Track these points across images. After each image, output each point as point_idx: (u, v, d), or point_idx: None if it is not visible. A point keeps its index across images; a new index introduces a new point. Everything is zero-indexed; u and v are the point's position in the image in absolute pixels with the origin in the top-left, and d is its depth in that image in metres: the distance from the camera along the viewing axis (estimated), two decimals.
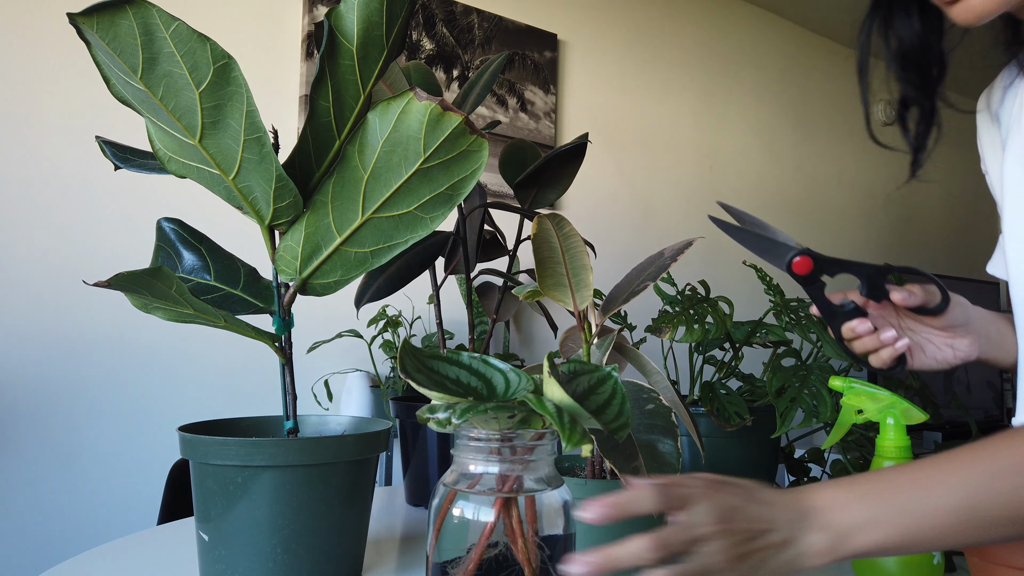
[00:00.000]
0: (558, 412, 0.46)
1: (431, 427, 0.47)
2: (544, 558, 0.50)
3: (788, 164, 3.10)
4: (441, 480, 0.52)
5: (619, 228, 2.53)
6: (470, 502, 0.51)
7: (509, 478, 0.50)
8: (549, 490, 0.52)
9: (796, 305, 0.99)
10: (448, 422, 0.46)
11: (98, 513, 1.58)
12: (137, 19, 0.54)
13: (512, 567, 0.49)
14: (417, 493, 1.04)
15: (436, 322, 1.09)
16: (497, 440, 0.50)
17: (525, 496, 0.51)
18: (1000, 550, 0.55)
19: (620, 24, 2.59)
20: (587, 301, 0.71)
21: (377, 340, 1.99)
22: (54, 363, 1.56)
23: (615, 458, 0.60)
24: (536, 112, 2.30)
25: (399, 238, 0.67)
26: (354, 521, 0.71)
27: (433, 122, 0.60)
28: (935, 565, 0.67)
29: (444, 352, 0.56)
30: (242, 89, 0.59)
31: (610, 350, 0.71)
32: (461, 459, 0.52)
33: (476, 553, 0.49)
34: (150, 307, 0.62)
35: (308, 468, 0.66)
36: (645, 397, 0.66)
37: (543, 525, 0.51)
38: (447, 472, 0.53)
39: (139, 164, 0.72)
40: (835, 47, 3.36)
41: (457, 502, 0.50)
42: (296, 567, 0.66)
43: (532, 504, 0.51)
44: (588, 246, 1.12)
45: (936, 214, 3.78)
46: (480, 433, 0.50)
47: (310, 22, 1.89)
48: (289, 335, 0.72)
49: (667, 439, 0.61)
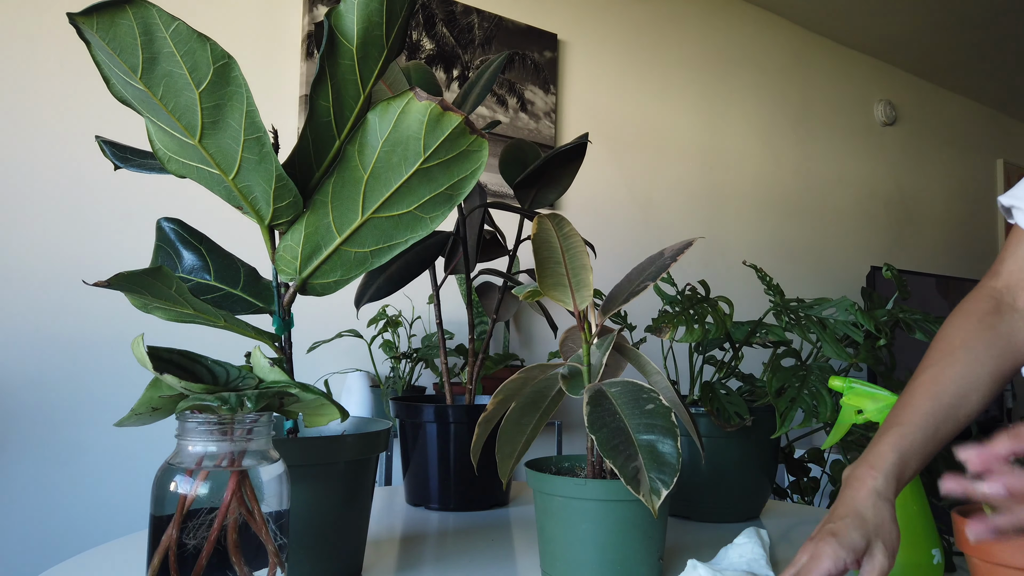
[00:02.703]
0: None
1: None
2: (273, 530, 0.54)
3: (788, 164, 3.10)
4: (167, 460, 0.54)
5: (619, 228, 2.53)
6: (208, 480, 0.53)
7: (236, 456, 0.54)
8: (267, 464, 0.55)
9: (796, 305, 0.99)
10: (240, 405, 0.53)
11: (98, 513, 1.58)
12: (137, 19, 0.54)
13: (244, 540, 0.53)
14: (417, 493, 1.04)
15: (436, 322, 1.09)
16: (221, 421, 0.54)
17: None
18: (1000, 550, 0.55)
19: (620, 24, 2.59)
20: (587, 301, 0.70)
21: (377, 340, 1.99)
22: (54, 363, 1.56)
23: (615, 458, 0.60)
24: (536, 112, 2.30)
25: (399, 238, 0.67)
26: (354, 521, 0.71)
27: (433, 122, 0.60)
28: (935, 565, 0.67)
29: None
30: (242, 89, 0.59)
31: (610, 350, 0.71)
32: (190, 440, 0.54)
33: (216, 525, 0.51)
34: (150, 307, 0.62)
35: (308, 468, 0.66)
36: (645, 397, 0.66)
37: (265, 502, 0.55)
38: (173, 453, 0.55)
39: (139, 164, 0.72)
40: (835, 47, 3.36)
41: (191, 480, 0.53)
42: (296, 567, 0.66)
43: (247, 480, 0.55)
44: (588, 246, 1.12)
45: (936, 214, 3.78)
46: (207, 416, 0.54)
47: (310, 22, 1.89)
48: (289, 335, 0.72)
49: (667, 439, 0.61)
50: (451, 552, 0.81)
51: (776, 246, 3.03)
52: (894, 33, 3.29)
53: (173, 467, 0.52)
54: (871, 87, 3.49)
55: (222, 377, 0.59)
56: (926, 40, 3.36)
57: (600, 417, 0.64)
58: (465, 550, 0.82)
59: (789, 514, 1.03)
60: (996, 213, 4.10)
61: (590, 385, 0.69)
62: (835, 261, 3.26)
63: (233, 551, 0.52)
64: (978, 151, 4.06)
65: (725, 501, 0.97)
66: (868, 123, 3.45)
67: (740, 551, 0.73)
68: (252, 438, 0.54)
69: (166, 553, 0.51)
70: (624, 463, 0.59)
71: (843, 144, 3.33)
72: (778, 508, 1.07)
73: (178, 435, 0.53)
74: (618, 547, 0.65)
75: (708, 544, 0.86)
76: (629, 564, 0.66)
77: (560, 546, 0.68)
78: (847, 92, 3.38)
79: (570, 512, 0.67)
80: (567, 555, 0.67)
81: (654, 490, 0.58)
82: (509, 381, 0.75)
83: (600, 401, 0.66)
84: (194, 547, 0.51)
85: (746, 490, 0.98)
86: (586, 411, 0.64)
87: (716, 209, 2.83)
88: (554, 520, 0.68)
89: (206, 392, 0.54)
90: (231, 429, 0.53)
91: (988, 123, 4.16)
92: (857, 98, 3.42)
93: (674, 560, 0.79)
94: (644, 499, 0.58)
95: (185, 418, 0.53)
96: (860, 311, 0.94)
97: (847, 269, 3.29)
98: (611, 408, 0.65)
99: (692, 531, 0.92)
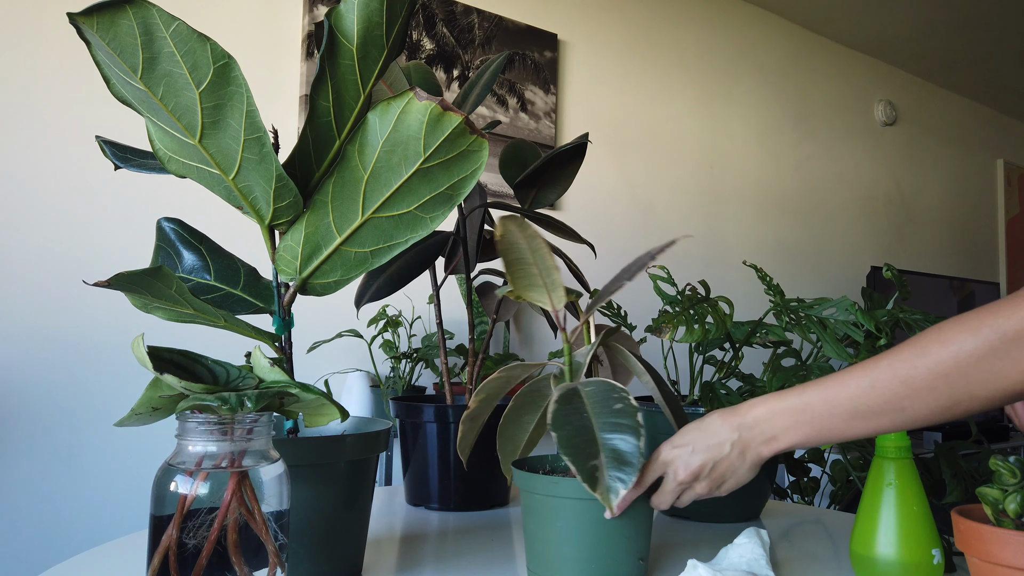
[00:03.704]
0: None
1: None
2: (274, 529, 0.54)
3: (788, 164, 3.10)
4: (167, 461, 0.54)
5: (619, 228, 2.53)
6: (208, 479, 0.53)
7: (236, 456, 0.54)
8: (266, 464, 0.55)
9: (796, 305, 0.99)
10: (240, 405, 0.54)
11: (98, 513, 1.58)
12: (137, 19, 0.54)
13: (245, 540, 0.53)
14: (417, 493, 1.04)
15: (436, 322, 1.09)
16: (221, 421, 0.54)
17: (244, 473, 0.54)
18: (1000, 550, 0.55)
19: (620, 24, 2.59)
20: (563, 301, 0.71)
21: (377, 340, 1.99)
22: (54, 363, 1.56)
23: (574, 456, 0.60)
24: (536, 112, 2.30)
25: (399, 238, 0.67)
26: (354, 521, 0.71)
27: (433, 122, 0.60)
28: (935, 565, 0.67)
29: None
30: (242, 89, 0.59)
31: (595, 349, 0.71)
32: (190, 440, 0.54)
33: (216, 525, 0.51)
34: (150, 307, 0.62)
35: (308, 468, 0.66)
36: (615, 396, 0.65)
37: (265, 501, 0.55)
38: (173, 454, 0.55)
39: (139, 164, 0.72)
40: (835, 47, 3.36)
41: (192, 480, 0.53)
42: (296, 567, 0.66)
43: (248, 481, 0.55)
44: (588, 246, 1.12)
45: (936, 214, 3.78)
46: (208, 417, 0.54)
47: (310, 22, 1.89)
48: (289, 335, 0.72)
49: (630, 437, 0.61)
50: (451, 552, 0.81)
51: (776, 246, 3.03)
52: (894, 33, 3.29)
53: (173, 467, 0.52)
54: (871, 87, 3.49)
55: (222, 377, 0.59)
56: (926, 40, 3.36)
57: (565, 415, 0.64)
58: (465, 550, 0.82)
59: (789, 514, 1.03)
60: (996, 213, 4.10)
61: (563, 384, 0.69)
62: (835, 261, 3.26)
63: (233, 551, 0.52)
64: (978, 151, 4.06)
65: (725, 501, 0.97)
66: (868, 123, 3.45)
67: (740, 551, 0.73)
68: (252, 438, 0.54)
69: (166, 553, 0.51)
70: (583, 462, 0.59)
71: (843, 144, 3.33)
72: (778, 508, 1.07)
73: (178, 435, 0.53)
74: (593, 546, 0.65)
75: (708, 544, 0.86)
76: (605, 563, 0.65)
77: (539, 543, 0.68)
78: (847, 92, 3.38)
79: (547, 510, 0.67)
80: (545, 552, 0.67)
81: (611, 489, 0.58)
82: (489, 380, 0.75)
83: (570, 400, 0.66)
84: (194, 547, 0.51)
85: (746, 490, 0.98)
86: (551, 409, 0.64)
87: (716, 209, 2.83)
88: (533, 517, 0.68)
89: (206, 392, 0.54)
90: (231, 429, 0.53)
91: (988, 123, 4.16)
92: (857, 98, 3.42)
93: (674, 560, 0.79)
94: (601, 498, 0.58)
95: (185, 418, 0.53)
96: (860, 311, 0.94)
97: (847, 269, 3.29)
98: (580, 407, 0.65)
99: (692, 531, 0.92)
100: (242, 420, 0.53)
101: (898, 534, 0.68)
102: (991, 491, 0.59)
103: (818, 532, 0.93)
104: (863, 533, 0.70)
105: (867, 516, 0.70)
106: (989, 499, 0.59)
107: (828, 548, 0.85)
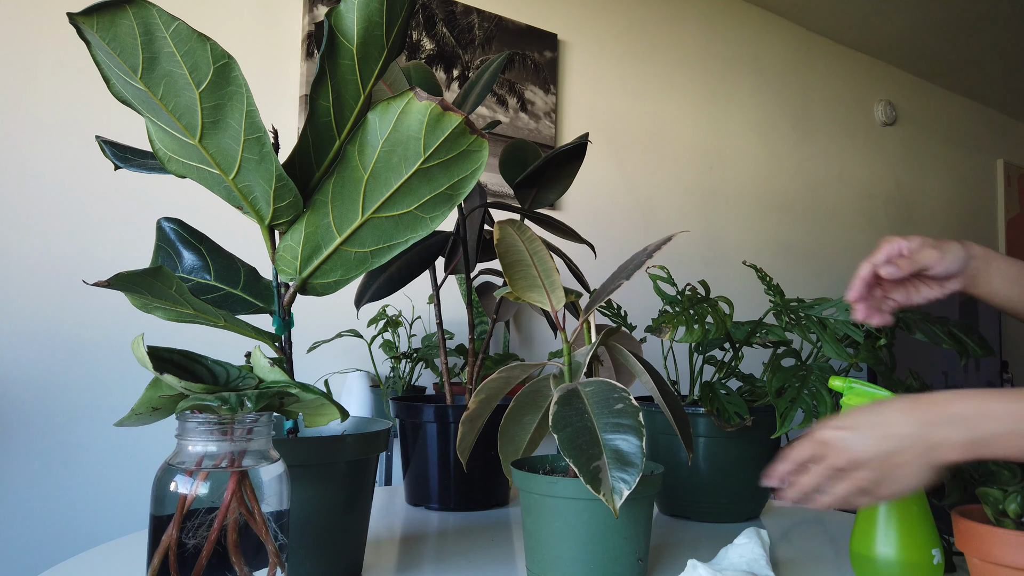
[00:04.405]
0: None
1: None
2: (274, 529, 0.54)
3: (788, 164, 3.10)
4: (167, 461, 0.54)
5: (619, 228, 2.53)
6: (208, 479, 0.53)
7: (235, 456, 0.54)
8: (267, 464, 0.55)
9: (796, 305, 0.99)
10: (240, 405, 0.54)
11: (98, 513, 1.58)
12: (137, 19, 0.54)
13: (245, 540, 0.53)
14: (417, 493, 1.04)
15: (436, 322, 1.09)
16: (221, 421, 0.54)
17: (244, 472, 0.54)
18: (1000, 550, 0.55)
19: (620, 24, 2.59)
20: (562, 301, 0.71)
21: (377, 340, 1.99)
22: (54, 363, 1.56)
23: (576, 457, 0.59)
24: (536, 112, 2.30)
25: (399, 238, 0.67)
26: (354, 521, 0.71)
27: (433, 122, 0.60)
28: (935, 565, 0.67)
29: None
30: (242, 89, 0.59)
31: (595, 348, 0.71)
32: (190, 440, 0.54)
33: (216, 525, 0.51)
34: (150, 307, 0.62)
35: (308, 468, 0.66)
36: (616, 396, 0.65)
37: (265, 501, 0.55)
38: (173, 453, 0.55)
39: (139, 164, 0.72)
40: (835, 47, 3.36)
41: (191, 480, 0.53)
42: (296, 567, 0.66)
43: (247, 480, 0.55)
44: (588, 246, 1.12)
45: (936, 214, 3.78)
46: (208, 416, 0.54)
47: (310, 22, 1.89)
48: (289, 335, 0.72)
49: (632, 437, 0.61)
50: (451, 552, 0.81)
51: (776, 246, 3.03)
52: (894, 33, 3.29)
53: (173, 467, 0.52)
54: (871, 87, 3.48)
55: (222, 377, 0.59)
56: (926, 40, 3.35)
57: (566, 416, 0.63)
58: (465, 550, 0.82)
59: (789, 514, 1.03)
60: (996, 213, 4.10)
61: (564, 384, 0.69)
62: (835, 261, 3.26)
63: (233, 551, 0.52)
64: (978, 151, 4.06)
65: (725, 501, 0.97)
66: (868, 123, 3.45)
67: (740, 551, 0.73)
68: (252, 438, 0.54)
69: (166, 553, 0.51)
70: (585, 462, 0.59)
71: (843, 144, 3.33)
72: (778, 508, 1.07)
73: (178, 435, 0.53)
74: (591, 546, 0.65)
75: (708, 544, 0.86)
76: (604, 563, 0.65)
77: (537, 542, 0.68)
78: (847, 92, 3.38)
79: (545, 509, 0.67)
80: (544, 552, 0.67)
81: (615, 490, 0.58)
82: (489, 380, 0.75)
83: (570, 400, 0.66)
84: (194, 547, 0.51)
85: (746, 490, 0.98)
86: (552, 410, 0.64)
87: (716, 209, 2.83)
88: (532, 517, 0.68)
89: (206, 392, 0.54)
90: (231, 429, 0.53)
91: (988, 123, 4.16)
92: (857, 98, 3.41)
93: (674, 560, 0.79)
94: (605, 499, 0.57)
95: (185, 418, 0.53)
96: None
97: (847, 269, 3.29)
98: (581, 407, 0.65)
99: (692, 531, 0.92)
100: (242, 420, 0.53)
101: (898, 534, 0.68)
102: (991, 491, 0.59)
103: (818, 532, 0.93)
104: (863, 533, 0.70)
105: (867, 516, 0.70)
106: (989, 499, 0.59)
107: (828, 548, 0.85)
